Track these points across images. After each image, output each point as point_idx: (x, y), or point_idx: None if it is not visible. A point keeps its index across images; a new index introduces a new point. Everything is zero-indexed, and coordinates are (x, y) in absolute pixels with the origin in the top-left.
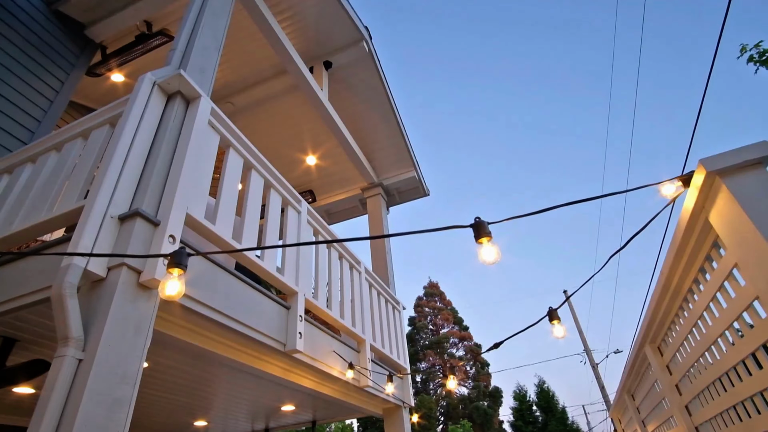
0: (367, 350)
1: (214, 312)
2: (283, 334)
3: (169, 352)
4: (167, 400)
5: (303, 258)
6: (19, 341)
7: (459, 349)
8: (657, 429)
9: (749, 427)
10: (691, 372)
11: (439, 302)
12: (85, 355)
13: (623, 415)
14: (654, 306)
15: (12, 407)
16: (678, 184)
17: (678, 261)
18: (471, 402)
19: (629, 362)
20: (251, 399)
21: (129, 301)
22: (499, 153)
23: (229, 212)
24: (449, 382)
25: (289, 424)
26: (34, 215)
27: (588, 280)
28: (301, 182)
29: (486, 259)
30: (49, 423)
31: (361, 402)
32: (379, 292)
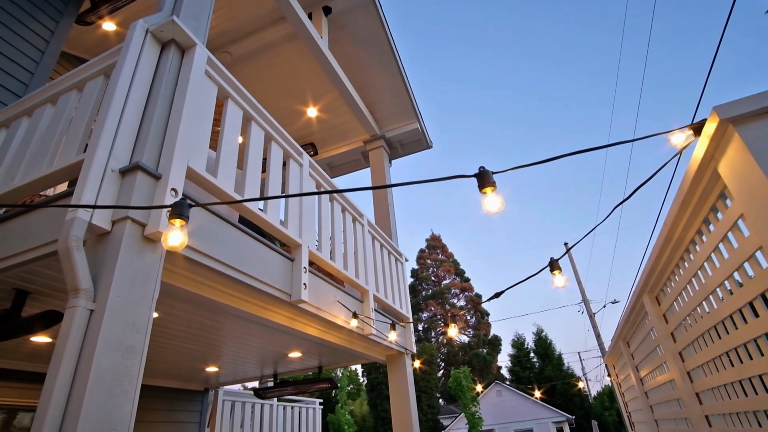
0: (371, 300)
1: (219, 263)
2: (288, 285)
3: (178, 302)
4: (178, 348)
5: (306, 211)
6: (31, 293)
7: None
8: (649, 374)
9: (741, 371)
10: (686, 321)
11: (441, 254)
12: (96, 306)
13: (617, 361)
14: (655, 257)
15: (30, 355)
16: (689, 132)
17: (683, 212)
18: (471, 349)
19: (626, 311)
20: (259, 347)
21: (135, 254)
22: (504, 113)
23: (230, 165)
24: (450, 330)
25: (297, 369)
26: (35, 170)
27: (590, 231)
28: (302, 135)
29: (490, 209)
30: (65, 370)
31: (365, 349)
32: (381, 244)
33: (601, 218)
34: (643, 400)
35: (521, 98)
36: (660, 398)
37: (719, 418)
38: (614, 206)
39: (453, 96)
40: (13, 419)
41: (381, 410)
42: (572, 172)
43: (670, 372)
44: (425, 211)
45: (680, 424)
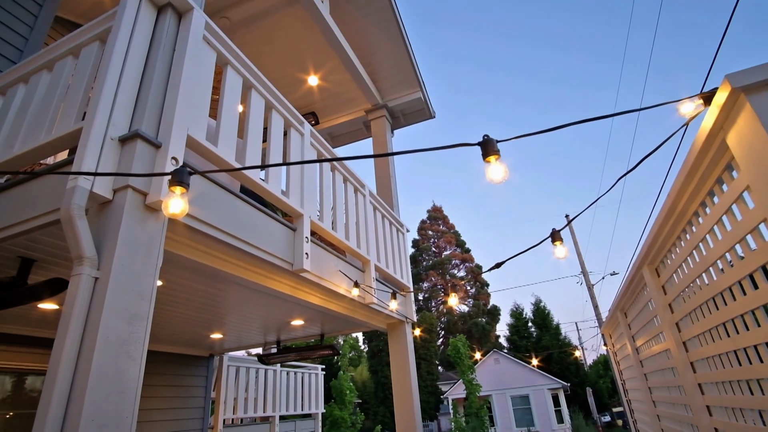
0: (372, 270)
1: (221, 232)
2: (290, 255)
3: (182, 271)
4: (183, 315)
5: (307, 181)
6: (36, 261)
7: (460, 270)
8: (645, 344)
9: (736, 342)
10: (685, 292)
11: (442, 226)
12: (100, 274)
13: (614, 331)
14: (657, 229)
15: (39, 321)
16: (698, 102)
17: (687, 184)
18: (470, 318)
19: (625, 283)
20: (262, 314)
21: (137, 222)
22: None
23: (230, 134)
24: (450, 299)
25: (299, 336)
26: (34, 137)
27: (594, 202)
28: (303, 104)
29: (493, 178)
30: (73, 336)
31: (366, 317)
32: (383, 214)
33: (604, 190)
34: (638, 368)
35: (527, 80)
36: (654, 367)
37: (711, 386)
38: (618, 177)
39: (456, 75)
40: (24, 382)
41: (381, 376)
42: (576, 146)
43: (665, 342)
44: (427, 183)
45: (673, 391)
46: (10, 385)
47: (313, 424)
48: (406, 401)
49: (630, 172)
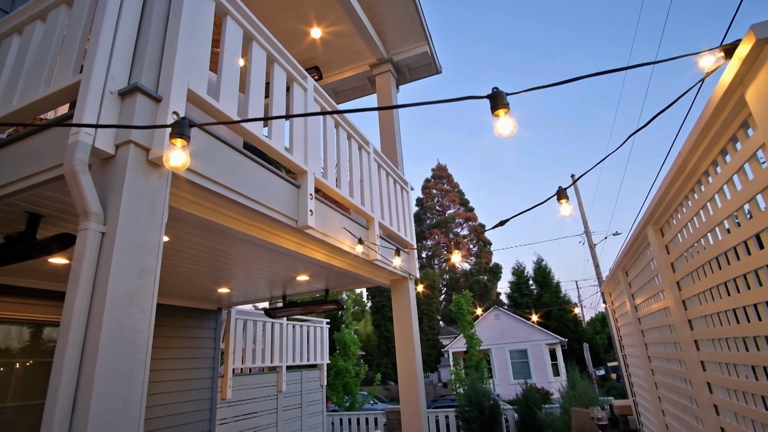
0: (376, 227)
1: (224, 188)
2: (295, 212)
3: (187, 227)
4: (191, 270)
5: (311, 138)
6: (44, 217)
7: (464, 229)
8: (644, 302)
9: (736, 300)
10: (688, 252)
11: (447, 184)
12: (106, 229)
13: (614, 289)
14: (665, 188)
15: (51, 275)
16: (719, 54)
17: (700, 141)
18: (472, 276)
19: (628, 242)
20: (268, 270)
21: (141, 178)
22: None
23: (231, 88)
24: (454, 256)
25: (304, 291)
26: (32, 91)
27: (602, 160)
28: (305, 58)
29: (502, 132)
30: (83, 289)
31: (370, 274)
32: (387, 172)
33: (612, 150)
34: (636, 325)
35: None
36: (652, 324)
37: (707, 342)
38: (630, 134)
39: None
40: (42, 333)
41: (384, 330)
42: (586, 104)
43: (665, 300)
44: (432, 142)
45: (669, 347)
46: (28, 335)
47: (318, 374)
48: (408, 354)
49: (642, 129)
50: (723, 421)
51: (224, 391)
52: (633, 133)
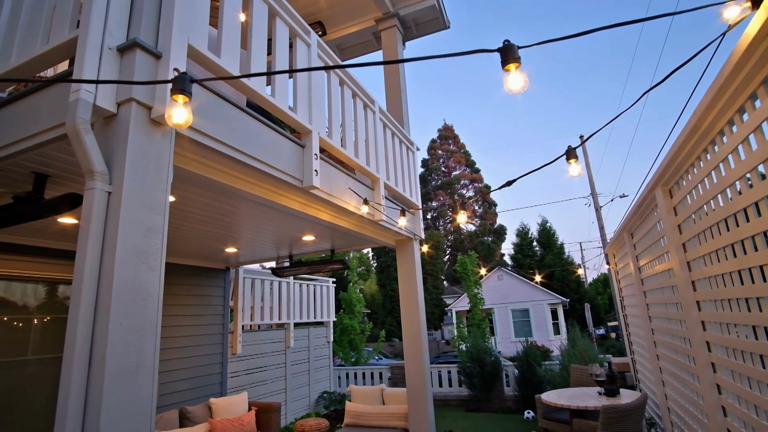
0: (381, 188)
1: (228, 147)
2: (300, 172)
3: (193, 187)
4: (198, 230)
5: (316, 96)
6: (50, 176)
7: (469, 190)
8: (648, 263)
9: (741, 262)
10: (696, 213)
11: (453, 145)
12: (113, 188)
13: (618, 251)
14: (676, 148)
15: (59, 234)
16: (745, 4)
17: (717, 99)
18: (477, 237)
19: (636, 204)
20: (274, 230)
21: (144, 137)
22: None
23: (233, 44)
24: (459, 217)
25: (310, 251)
26: (30, 48)
27: (615, 117)
28: (308, 12)
29: (513, 88)
30: (93, 248)
31: (375, 234)
32: (393, 132)
33: (624, 111)
34: (638, 286)
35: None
36: (655, 285)
37: (709, 303)
38: (645, 91)
39: None
40: (57, 290)
41: (389, 289)
42: (599, 60)
43: (669, 262)
44: (438, 101)
45: (670, 307)
46: (44, 292)
47: (325, 331)
48: (412, 312)
49: (657, 86)
50: (720, 378)
51: (234, 346)
52: (648, 90)
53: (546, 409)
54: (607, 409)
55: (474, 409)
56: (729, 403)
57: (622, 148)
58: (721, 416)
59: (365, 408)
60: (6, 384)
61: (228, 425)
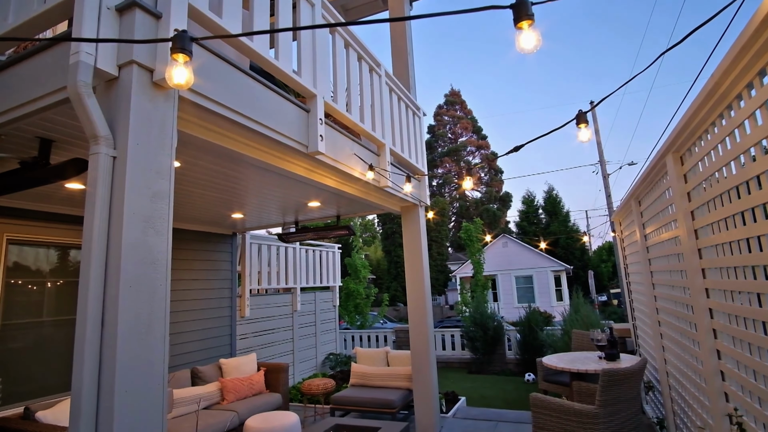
0: (387, 154)
1: (231, 111)
2: (305, 137)
3: (198, 152)
4: (205, 196)
5: (320, 59)
6: (55, 142)
7: (475, 157)
8: (655, 231)
9: (750, 230)
10: (707, 181)
11: (460, 111)
12: (117, 153)
13: (625, 219)
14: (690, 113)
15: (66, 199)
16: None
17: (737, 61)
18: (482, 205)
19: (645, 171)
20: (280, 196)
21: (147, 100)
22: None
23: (234, 3)
24: (465, 183)
25: (316, 218)
26: (27, 8)
27: (627, 82)
28: None
29: (525, 47)
30: (100, 213)
31: (380, 200)
32: (399, 96)
33: (640, 69)
34: (644, 254)
35: None
36: (660, 252)
37: (715, 271)
38: (662, 52)
39: None
40: (68, 255)
41: (394, 256)
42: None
43: (676, 230)
44: (445, 65)
45: (675, 275)
46: (56, 257)
47: (331, 296)
48: (417, 278)
49: (675, 47)
50: (720, 344)
51: (242, 310)
52: (665, 51)
53: (546, 372)
54: (606, 372)
55: (476, 371)
56: (728, 368)
57: (633, 115)
58: (719, 380)
59: (370, 369)
60: (25, 344)
61: (238, 384)
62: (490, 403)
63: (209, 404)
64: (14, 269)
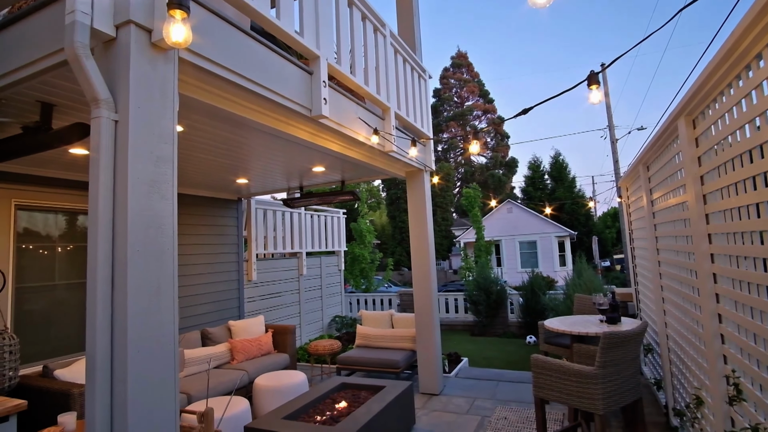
0: (392, 117)
1: (233, 74)
2: (308, 100)
3: (200, 116)
4: (209, 161)
5: (323, 19)
6: (56, 106)
7: (482, 122)
8: (662, 196)
9: (761, 195)
10: (719, 145)
11: (466, 74)
12: (119, 117)
13: (632, 184)
14: (706, 74)
15: (72, 165)
16: None
17: (760, 18)
18: (487, 170)
19: (655, 135)
20: (284, 161)
21: (147, 62)
22: None
23: None
24: (472, 146)
25: (320, 183)
26: None
27: (643, 40)
28: None
29: (537, 1)
30: (105, 178)
31: (385, 165)
32: (404, 58)
33: (654, 30)
34: (649, 219)
35: None
36: (666, 218)
37: (721, 236)
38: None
39: None
40: (77, 220)
41: (399, 221)
42: None
43: (684, 195)
44: (451, 25)
45: (680, 240)
46: (65, 222)
47: (336, 260)
48: (421, 242)
49: (692, 4)
50: (722, 308)
51: (250, 274)
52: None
53: (548, 335)
54: (607, 335)
55: (478, 333)
56: (728, 331)
57: (644, 80)
58: (718, 343)
59: (375, 331)
60: (40, 306)
61: (247, 345)
62: (491, 363)
63: (219, 364)
64: (24, 235)
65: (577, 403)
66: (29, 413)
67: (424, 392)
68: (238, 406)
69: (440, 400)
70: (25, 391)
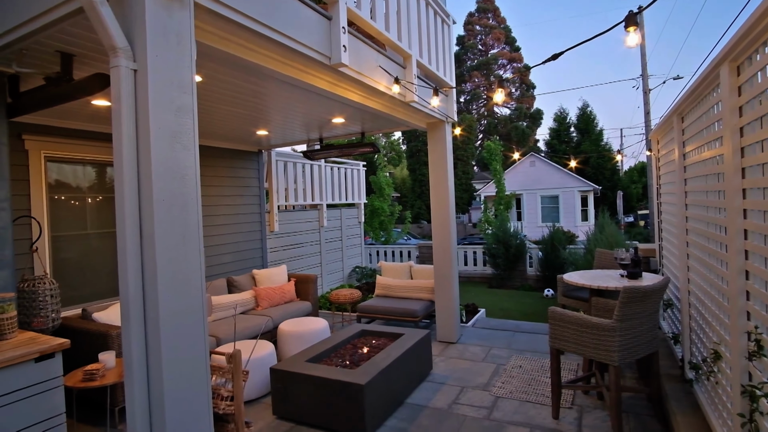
0: (413, 66)
1: (250, 20)
2: (327, 47)
3: (219, 65)
4: (229, 112)
5: None
6: (75, 56)
7: (507, 72)
8: (695, 149)
9: None
10: (764, 93)
11: (492, 19)
12: (137, 66)
13: (664, 136)
14: (759, 13)
15: (96, 117)
16: None
17: None
18: (511, 122)
19: (694, 83)
20: (304, 112)
21: (162, 9)
22: None
23: None
24: (496, 95)
25: (340, 134)
26: None
27: None
28: None
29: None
30: (128, 128)
31: (406, 116)
32: (427, 2)
33: None
34: (680, 173)
35: None
36: (699, 172)
37: (757, 191)
38: None
39: None
40: (104, 173)
41: (419, 174)
42: None
43: (721, 148)
44: None
45: (711, 195)
46: (93, 174)
47: (356, 212)
48: (441, 195)
49: None
50: (750, 265)
51: (272, 224)
52: None
53: (566, 288)
54: (627, 289)
55: (496, 286)
56: (755, 288)
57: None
58: (743, 299)
59: (394, 281)
60: (75, 254)
61: (270, 292)
62: (508, 315)
63: (245, 310)
64: (56, 186)
65: (593, 355)
66: (71, 351)
67: (442, 340)
68: (264, 349)
69: (457, 348)
70: (67, 332)
